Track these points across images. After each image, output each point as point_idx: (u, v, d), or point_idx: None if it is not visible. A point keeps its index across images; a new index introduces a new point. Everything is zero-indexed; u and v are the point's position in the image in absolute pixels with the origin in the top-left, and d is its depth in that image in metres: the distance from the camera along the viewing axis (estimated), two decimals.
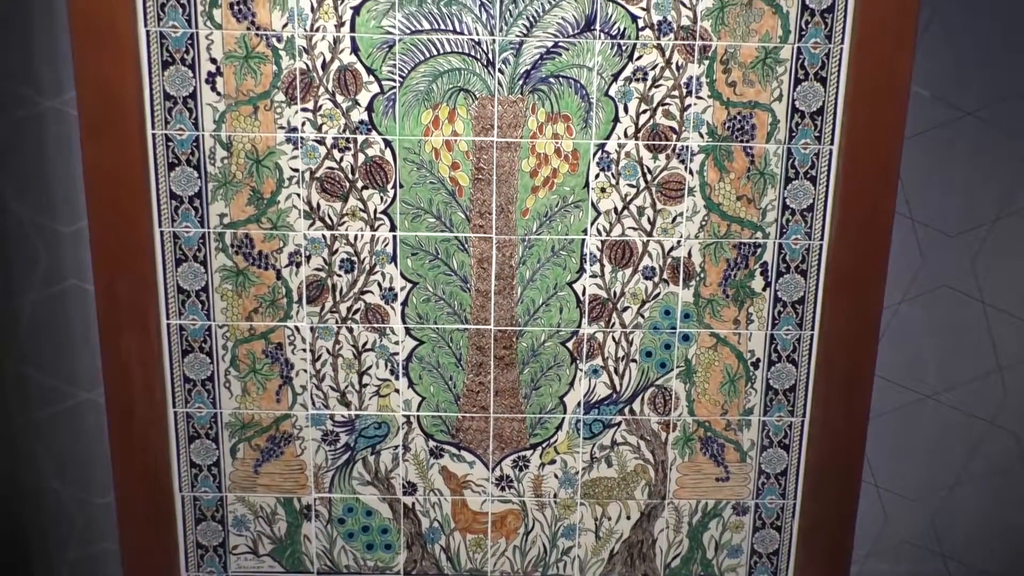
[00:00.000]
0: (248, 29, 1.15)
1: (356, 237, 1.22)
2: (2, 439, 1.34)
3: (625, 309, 1.25)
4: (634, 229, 1.22)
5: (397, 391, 1.27)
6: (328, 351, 1.25)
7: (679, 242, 1.23)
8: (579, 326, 1.25)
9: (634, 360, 1.27)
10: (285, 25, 1.15)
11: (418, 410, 1.28)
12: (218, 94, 1.17)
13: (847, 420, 1.27)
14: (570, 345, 1.26)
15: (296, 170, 1.20)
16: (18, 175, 1.24)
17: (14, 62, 1.21)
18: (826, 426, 1.28)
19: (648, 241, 1.23)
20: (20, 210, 1.25)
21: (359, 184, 1.20)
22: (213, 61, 1.16)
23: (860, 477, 1.29)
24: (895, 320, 1.34)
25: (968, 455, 1.40)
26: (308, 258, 1.22)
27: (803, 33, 1.17)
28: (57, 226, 1.26)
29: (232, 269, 1.22)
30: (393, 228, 1.22)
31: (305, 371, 1.26)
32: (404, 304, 1.24)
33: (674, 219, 1.22)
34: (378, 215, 1.21)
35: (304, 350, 1.25)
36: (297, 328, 1.24)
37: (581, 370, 1.27)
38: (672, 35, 1.17)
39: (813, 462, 1.30)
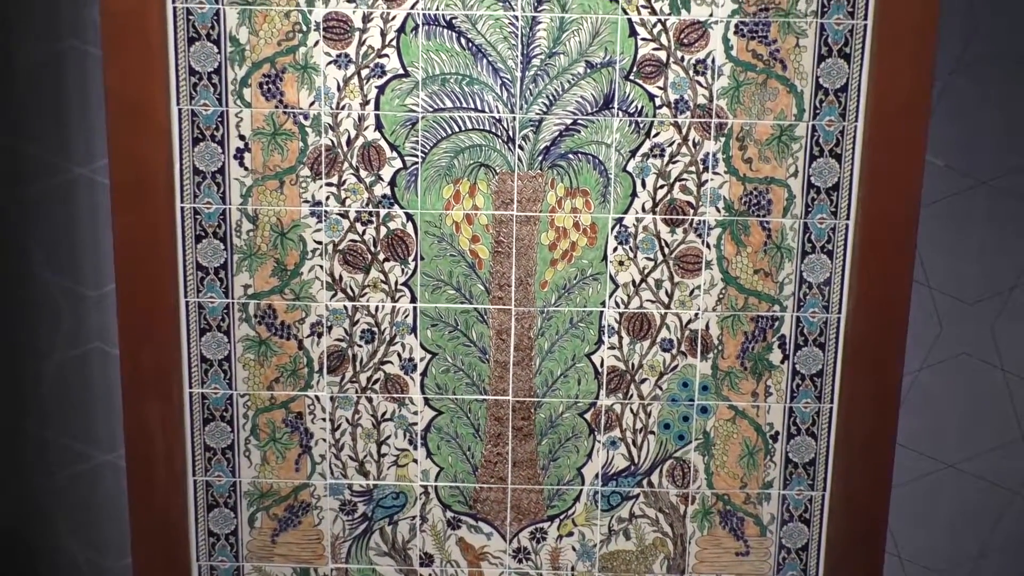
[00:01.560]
0: (276, 107, 1.19)
1: (377, 308, 1.24)
2: (21, 498, 1.35)
3: (643, 381, 1.26)
4: (652, 302, 1.24)
5: (415, 461, 1.28)
6: (347, 420, 1.26)
7: (697, 315, 1.24)
8: (597, 398, 1.26)
9: (652, 432, 1.27)
10: (312, 103, 1.19)
11: (436, 480, 1.28)
12: (246, 169, 1.20)
13: (869, 492, 1.27)
14: (588, 416, 1.26)
15: (319, 242, 1.22)
16: (47, 239, 1.28)
17: (47, 130, 1.26)
18: (847, 499, 1.27)
19: (666, 314, 1.24)
20: (47, 273, 1.28)
21: (381, 256, 1.23)
22: (242, 138, 1.20)
23: (884, 549, 1.27)
24: (915, 388, 1.34)
25: (992, 525, 1.38)
26: (330, 328, 1.24)
27: (817, 111, 1.20)
28: (83, 290, 1.29)
29: (255, 339, 1.24)
30: (414, 299, 1.24)
31: (324, 440, 1.27)
32: (423, 375, 1.25)
33: (692, 292, 1.24)
34: (399, 287, 1.23)
35: (324, 419, 1.26)
36: (317, 398, 1.26)
37: (599, 442, 1.27)
38: (689, 113, 1.20)
39: (835, 536, 1.28)
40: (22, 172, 1.26)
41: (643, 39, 1.18)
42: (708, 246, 1.23)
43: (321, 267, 1.23)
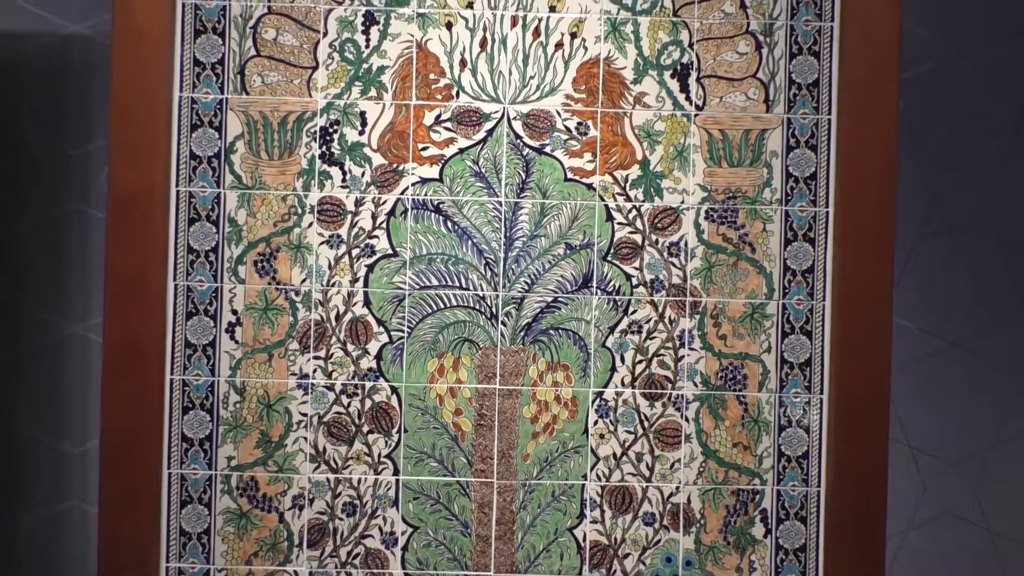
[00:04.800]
0: (269, 284, 1.24)
1: (360, 481, 1.24)
2: None
3: (626, 556, 1.24)
4: (633, 475, 1.24)
5: None
6: None
7: (678, 488, 1.25)
8: (580, 573, 1.24)
9: None
10: (304, 280, 1.24)
11: None
12: (236, 342, 1.24)
13: None
14: None
15: (305, 414, 1.24)
16: (35, 394, 1.29)
17: (45, 287, 1.30)
18: None
19: (647, 487, 1.25)
20: (29, 428, 1.28)
21: (365, 428, 1.24)
22: (234, 312, 1.24)
23: None
24: (902, 550, 1.33)
25: None
26: (311, 501, 1.24)
27: (787, 291, 1.26)
28: (66, 446, 1.29)
29: (236, 511, 1.23)
30: (396, 472, 1.24)
31: None
32: (404, 549, 1.24)
33: (672, 465, 1.25)
34: (382, 459, 1.24)
35: None
36: (296, 572, 1.23)
37: None
38: (664, 292, 1.25)
39: None
40: (17, 328, 1.30)
41: (619, 223, 1.25)
42: (687, 420, 1.25)
43: (305, 439, 1.24)
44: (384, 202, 1.25)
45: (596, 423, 1.25)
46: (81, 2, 1.30)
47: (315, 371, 1.24)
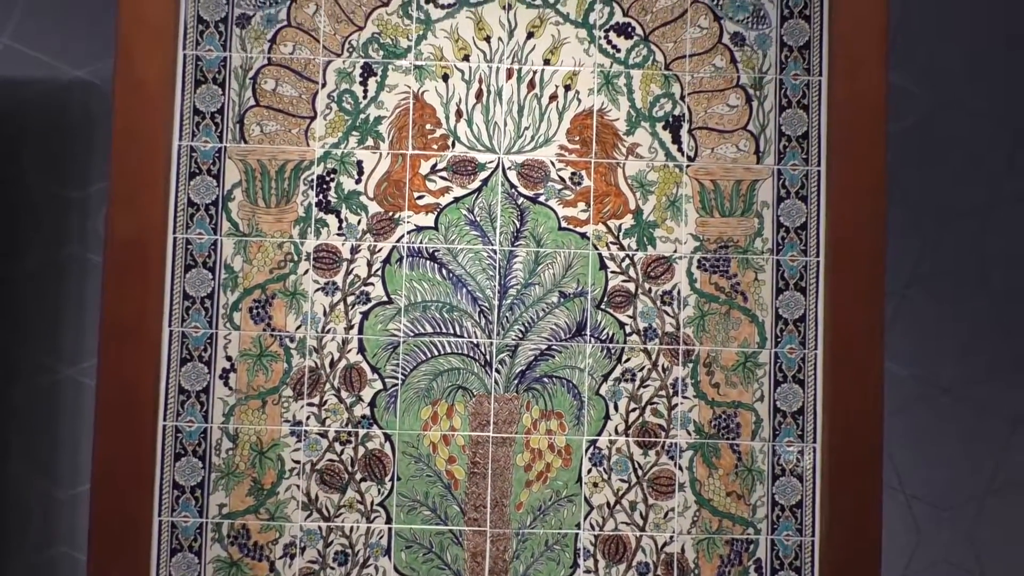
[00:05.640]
0: (264, 330, 1.25)
1: (352, 529, 1.23)
2: None
3: None
4: (627, 524, 1.24)
5: None
6: None
7: (672, 537, 1.24)
8: None
9: None
10: (299, 327, 1.25)
11: None
12: (230, 389, 1.24)
13: None
14: None
15: (298, 462, 1.24)
16: (24, 438, 1.28)
17: (41, 331, 1.30)
18: None
19: (641, 536, 1.24)
20: (20, 472, 1.27)
21: (358, 476, 1.24)
22: (228, 359, 1.24)
23: None
24: None
25: None
26: (303, 550, 1.23)
27: (779, 339, 1.26)
28: (56, 491, 1.28)
29: (226, 560, 1.22)
30: (389, 520, 1.23)
31: None
32: None
33: (666, 514, 1.24)
34: (374, 507, 1.23)
35: None
36: None
37: None
38: (657, 340, 1.26)
39: None
40: (11, 370, 1.29)
41: (613, 272, 1.26)
42: (680, 468, 1.25)
43: (298, 487, 1.23)
44: (380, 250, 1.26)
45: (590, 471, 1.24)
46: (84, 48, 1.32)
47: (308, 418, 1.24)
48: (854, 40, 1.27)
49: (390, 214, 1.26)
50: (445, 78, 1.27)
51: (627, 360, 1.26)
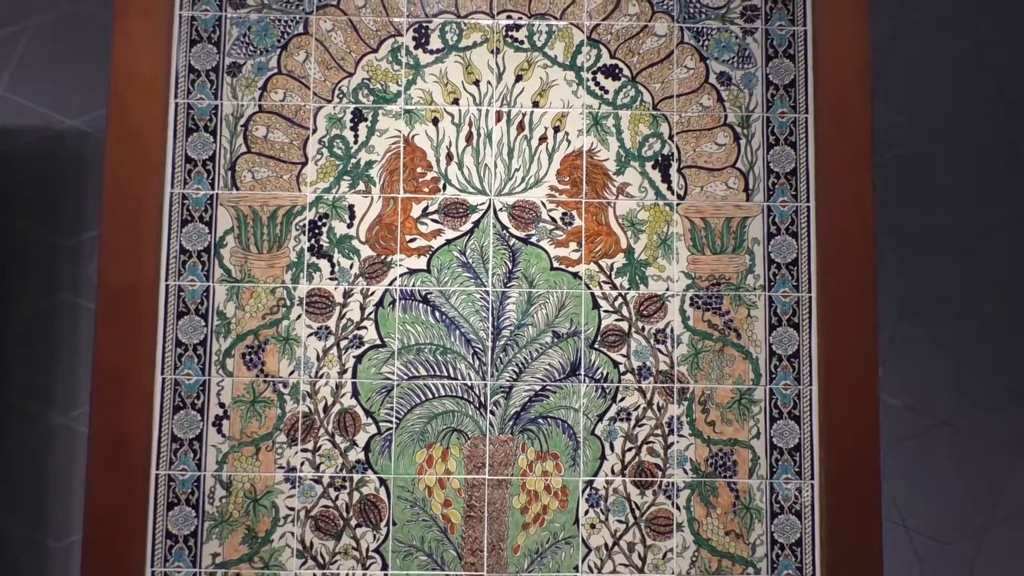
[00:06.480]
0: (257, 376, 1.24)
1: None
2: None
3: None
4: (625, 566, 1.22)
5: None
6: None
7: None
8: None
9: None
10: (292, 372, 1.24)
11: None
12: (223, 436, 1.23)
13: None
14: None
15: (292, 509, 1.22)
16: (15, 486, 1.27)
17: (33, 378, 1.29)
18: None
19: None
20: (11, 521, 1.26)
21: (353, 522, 1.23)
22: (221, 405, 1.24)
23: None
24: None
25: None
26: None
27: (773, 376, 1.26)
28: (47, 540, 1.26)
29: None
30: (385, 567, 1.22)
31: None
32: None
33: (665, 555, 1.23)
34: (370, 553, 1.22)
35: None
36: None
37: None
38: (652, 379, 1.26)
39: None
40: (4, 418, 1.29)
41: (606, 311, 1.26)
42: (678, 508, 1.24)
43: (292, 534, 1.22)
44: (372, 293, 1.26)
45: (587, 512, 1.23)
46: (78, 99, 1.33)
47: (303, 464, 1.23)
48: (838, 78, 1.28)
49: (382, 257, 1.26)
50: (435, 122, 1.28)
51: (622, 399, 1.25)
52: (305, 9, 1.29)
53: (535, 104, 1.29)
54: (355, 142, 1.28)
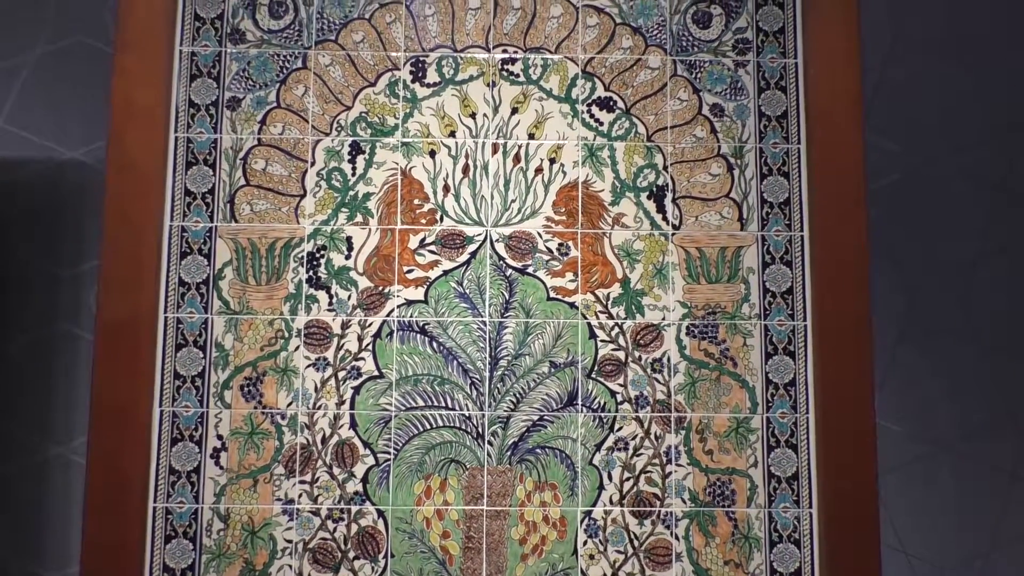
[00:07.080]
0: (255, 408, 1.24)
1: None
2: None
3: None
4: None
5: None
6: None
7: None
8: None
9: None
10: (290, 404, 1.25)
11: None
12: (221, 468, 1.23)
13: None
14: None
15: (290, 541, 1.22)
16: (12, 517, 1.26)
17: (31, 409, 1.29)
18: None
19: None
20: (7, 553, 1.25)
21: (351, 554, 1.22)
22: (219, 438, 1.24)
23: None
24: None
25: None
26: None
27: (770, 404, 1.27)
28: (45, 573, 1.25)
29: None
30: None
31: None
32: None
33: None
34: None
35: None
36: None
37: None
38: (649, 408, 1.26)
39: None
40: (2, 448, 1.28)
41: (602, 340, 1.27)
42: (677, 537, 1.24)
43: (290, 567, 1.22)
44: (370, 324, 1.26)
45: (585, 543, 1.23)
46: (79, 131, 1.35)
47: (300, 496, 1.23)
48: (829, 108, 1.30)
49: (380, 289, 1.27)
50: (432, 154, 1.30)
51: (619, 429, 1.26)
52: (304, 44, 1.31)
53: (531, 136, 1.30)
54: (353, 174, 1.29)
